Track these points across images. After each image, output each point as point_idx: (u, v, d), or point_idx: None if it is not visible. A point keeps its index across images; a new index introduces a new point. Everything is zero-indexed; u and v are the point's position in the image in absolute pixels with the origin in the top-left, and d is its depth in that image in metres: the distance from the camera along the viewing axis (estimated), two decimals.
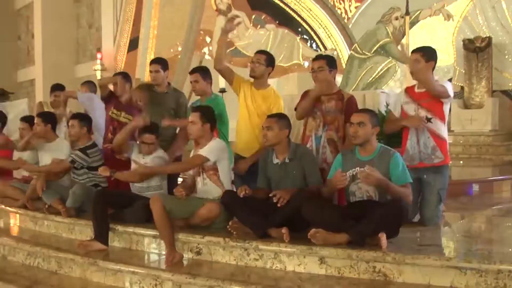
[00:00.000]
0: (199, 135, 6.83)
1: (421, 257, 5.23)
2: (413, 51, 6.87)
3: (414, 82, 6.83)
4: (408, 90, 6.90)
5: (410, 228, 6.16)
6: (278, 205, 6.11)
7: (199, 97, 7.97)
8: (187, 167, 6.99)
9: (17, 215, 8.92)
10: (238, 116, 7.43)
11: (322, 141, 6.85)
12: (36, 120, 8.58)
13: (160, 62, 8.32)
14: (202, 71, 7.92)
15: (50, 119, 8.61)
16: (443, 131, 6.64)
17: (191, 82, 7.88)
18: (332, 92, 6.91)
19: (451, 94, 6.58)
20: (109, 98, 8.51)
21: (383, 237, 5.46)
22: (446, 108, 6.66)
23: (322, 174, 6.60)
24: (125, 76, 8.74)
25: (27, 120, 9.21)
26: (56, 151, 8.41)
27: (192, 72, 7.96)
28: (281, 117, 6.57)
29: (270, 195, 6.21)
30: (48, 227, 8.25)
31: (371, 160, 5.98)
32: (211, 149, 6.74)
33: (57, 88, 10.22)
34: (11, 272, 7.44)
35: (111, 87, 8.70)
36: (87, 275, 6.80)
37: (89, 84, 10.24)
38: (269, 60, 7.37)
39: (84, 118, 8.21)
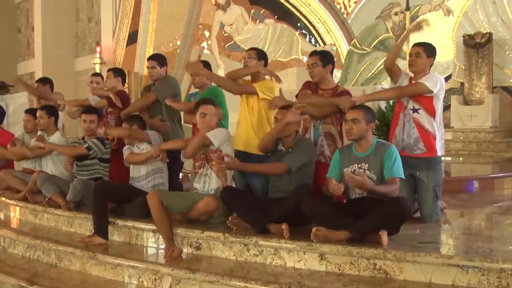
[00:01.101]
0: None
1: (422, 255, 5.22)
2: (415, 44, 6.87)
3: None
4: None
5: (409, 224, 6.12)
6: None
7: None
8: (190, 142, 6.96)
9: (17, 208, 8.96)
10: (239, 112, 7.44)
11: (319, 133, 6.91)
12: (39, 112, 8.63)
13: (156, 59, 8.31)
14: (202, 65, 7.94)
15: (53, 112, 8.67)
16: (430, 124, 6.60)
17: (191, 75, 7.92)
18: (328, 88, 6.95)
19: (433, 89, 6.50)
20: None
21: (384, 235, 5.44)
22: (436, 102, 6.62)
23: (317, 166, 6.68)
24: (115, 71, 8.88)
25: (31, 112, 9.21)
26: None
27: None
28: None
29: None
30: (48, 220, 8.27)
31: (367, 156, 6.00)
32: (217, 134, 6.81)
33: (39, 80, 10.32)
34: (11, 264, 7.45)
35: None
36: (86, 269, 6.82)
37: (100, 76, 10.17)
38: (260, 54, 7.54)
39: (99, 113, 8.30)
